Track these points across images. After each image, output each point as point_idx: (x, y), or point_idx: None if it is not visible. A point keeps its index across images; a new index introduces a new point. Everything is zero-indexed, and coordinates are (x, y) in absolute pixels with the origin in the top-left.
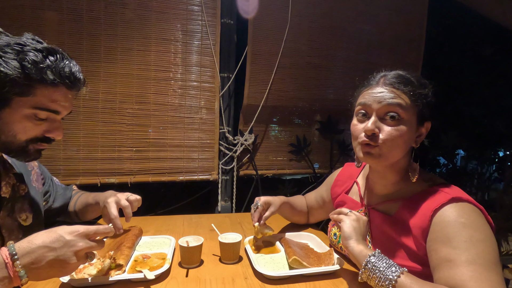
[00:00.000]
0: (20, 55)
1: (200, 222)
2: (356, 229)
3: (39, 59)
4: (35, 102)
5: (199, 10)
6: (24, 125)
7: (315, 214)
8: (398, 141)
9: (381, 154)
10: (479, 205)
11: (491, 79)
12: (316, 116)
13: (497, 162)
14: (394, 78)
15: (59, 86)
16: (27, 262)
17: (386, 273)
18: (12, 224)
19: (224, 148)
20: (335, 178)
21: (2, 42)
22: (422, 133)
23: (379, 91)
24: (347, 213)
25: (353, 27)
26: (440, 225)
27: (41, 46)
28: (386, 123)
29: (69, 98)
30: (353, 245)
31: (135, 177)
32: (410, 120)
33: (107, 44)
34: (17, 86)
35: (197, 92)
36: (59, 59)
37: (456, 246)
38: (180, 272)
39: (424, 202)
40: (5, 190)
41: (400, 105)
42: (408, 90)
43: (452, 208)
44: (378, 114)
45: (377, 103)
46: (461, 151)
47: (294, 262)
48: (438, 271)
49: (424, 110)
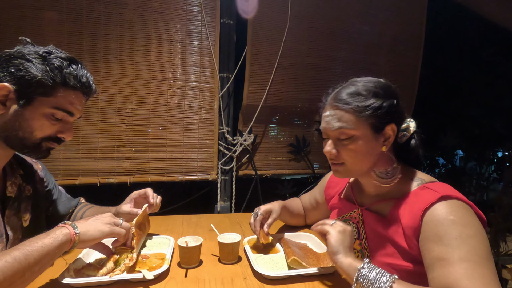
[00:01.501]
0: (46, 61)
1: (199, 222)
2: (344, 242)
3: (63, 65)
4: (55, 102)
5: (199, 10)
6: (42, 123)
7: (311, 216)
8: (358, 157)
9: (347, 170)
10: (468, 201)
11: (490, 80)
12: (316, 116)
13: (496, 162)
14: (337, 97)
15: (77, 90)
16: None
17: (377, 284)
18: (16, 223)
19: (223, 148)
20: (328, 180)
21: (30, 51)
22: (388, 136)
23: (327, 114)
24: (331, 224)
25: (352, 27)
26: (430, 224)
27: (65, 55)
28: (341, 143)
29: (83, 103)
30: (341, 260)
31: (134, 177)
32: (362, 134)
33: (107, 44)
34: (41, 86)
35: (197, 92)
36: (79, 68)
37: (448, 244)
38: (179, 272)
39: (414, 202)
40: (11, 190)
41: (346, 126)
42: (352, 108)
43: (441, 206)
44: (332, 137)
45: (328, 129)
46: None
47: (293, 262)
48: (432, 271)
49: (374, 120)
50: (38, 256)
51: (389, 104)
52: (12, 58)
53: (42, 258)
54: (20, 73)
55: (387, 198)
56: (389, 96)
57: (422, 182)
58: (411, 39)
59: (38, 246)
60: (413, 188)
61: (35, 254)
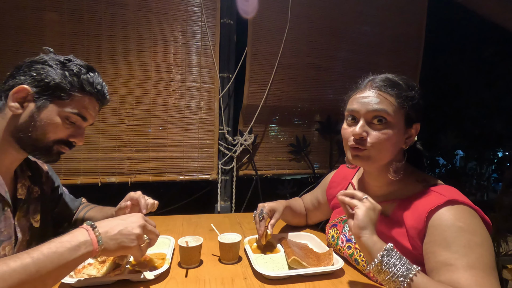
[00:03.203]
0: (66, 67)
1: (199, 222)
2: (372, 219)
3: (81, 71)
4: (70, 106)
5: (199, 11)
6: (56, 125)
7: (312, 216)
8: (386, 144)
9: (369, 156)
10: (475, 206)
11: (491, 80)
12: (316, 116)
13: (496, 162)
14: (381, 81)
15: (92, 97)
16: (103, 230)
17: (401, 270)
18: (25, 225)
19: (223, 148)
20: (330, 180)
21: (51, 57)
22: (411, 134)
23: (366, 95)
24: (362, 199)
25: (353, 27)
26: (438, 229)
27: (83, 63)
28: (373, 127)
29: (96, 110)
30: (367, 236)
31: (135, 177)
32: (397, 123)
33: (108, 45)
34: (59, 90)
35: (197, 93)
36: (96, 76)
37: (456, 251)
38: (180, 272)
39: (419, 204)
40: (21, 192)
41: (386, 109)
42: (395, 93)
43: (448, 212)
44: (366, 119)
45: (364, 108)
46: (460, 151)
47: (293, 262)
48: (437, 275)
49: (411, 113)
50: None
51: (422, 103)
52: (34, 63)
53: (59, 272)
54: (40, 77)
55: (391, 199)
56: (421, 97)
57: (427, 184)
58: (411, 39)
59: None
60: (418, 190)
61: (49, 266)
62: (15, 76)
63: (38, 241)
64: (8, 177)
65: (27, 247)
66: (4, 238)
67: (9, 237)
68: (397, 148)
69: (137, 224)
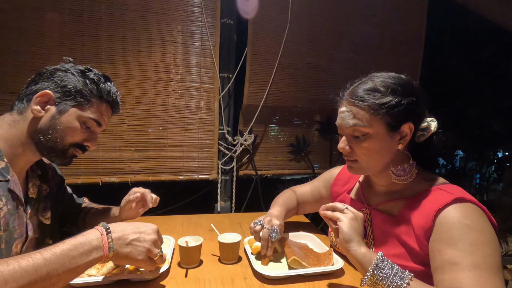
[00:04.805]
0: (86, 75)
1: (199, 222)
2: (357, 230)
3: (101, 81)
4: (88, 112)
5: (199, 11)
6: (74, 129)
7: (307, 208)
8: (371, 154)
9: (361, 167)
10: (482, 206)
11: (491, 80)
12: (316, 117)
13: (496, 162)
14: (355, 93)
15: (108, 104)
16: (116, 236)
17: (395, 280)
18: (35, 223)
19: (223, 148)
20: (336, 177)
21: (72, 66)
22: (404, 134)
23: (343, 109)
24: (343, 210)
25: (353, 27)
26: (444, 226)
27: (101, 73)
28: (355, 140)
29: (109, 117)
30: (355, 248)
31: (135, 177)
32: (376, 132)
33: (108, 45)
34: (80, 96)
35: (197, 93)
36: (112, 85)
37: (462, 249)
38: (180, 272)
39: (427, 202)
40: (32, 191)
41: (360, 123)
42: (367, 105)
43: (456, 209)
44: (347, 133)
45: (343, 124)
46: (460, 151)
47: (293, 262)
48: (441, 273)
49: (391, 117)
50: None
51: (407, 102)
52: (56, 70)
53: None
54: (63, 83)
55: (397, 198)
56: (408, 94)
57: (434, 183)
58: (411, 39)
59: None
60: (425, 189)
61: (59, 269)
62: (38, 82)
63: (49, 238)
64: (21, 177)
65: (36, 245)
66: (17, 236)
67: (21, 235)
68: (389, 153)
69: (150, 237)
